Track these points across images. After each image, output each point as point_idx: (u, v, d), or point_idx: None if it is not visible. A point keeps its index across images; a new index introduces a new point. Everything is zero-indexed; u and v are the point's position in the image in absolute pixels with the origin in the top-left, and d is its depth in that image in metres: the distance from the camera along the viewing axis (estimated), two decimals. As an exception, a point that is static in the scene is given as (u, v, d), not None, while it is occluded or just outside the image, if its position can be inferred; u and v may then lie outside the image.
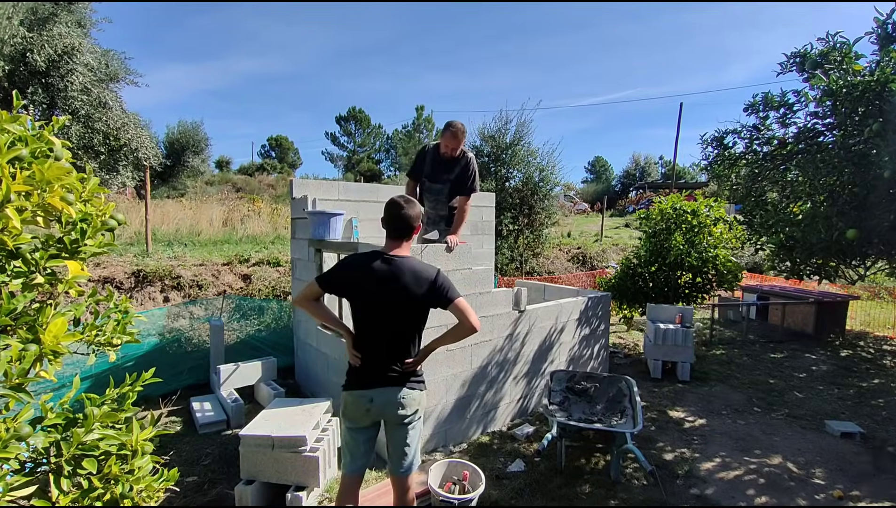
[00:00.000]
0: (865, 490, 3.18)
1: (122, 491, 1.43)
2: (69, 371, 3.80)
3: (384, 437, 2.19)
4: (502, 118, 10.46)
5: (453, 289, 2.15)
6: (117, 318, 1.65)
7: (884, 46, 4.49)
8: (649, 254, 6.75)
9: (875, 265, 5.66)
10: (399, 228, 2.16)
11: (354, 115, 38.73)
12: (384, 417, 2.19)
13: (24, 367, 1.23)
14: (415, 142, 33.53)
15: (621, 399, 3.76)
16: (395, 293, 2.07)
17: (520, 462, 3.39)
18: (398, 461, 2.22)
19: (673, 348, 5.33)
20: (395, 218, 2.15)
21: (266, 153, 39.88)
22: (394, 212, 2.15)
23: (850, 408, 4.61)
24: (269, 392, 4.21)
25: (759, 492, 3.13)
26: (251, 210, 12.49)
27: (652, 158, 44.51)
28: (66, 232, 1.42)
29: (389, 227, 2.18)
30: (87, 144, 8.89)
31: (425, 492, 2.83)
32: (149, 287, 6.25)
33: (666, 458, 3.55)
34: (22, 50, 8.02)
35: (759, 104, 5.20)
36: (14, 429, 1.23)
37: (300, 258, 4.67)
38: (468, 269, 3.59)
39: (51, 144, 1.38)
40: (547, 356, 4.37)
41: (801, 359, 6.23)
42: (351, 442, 2.22)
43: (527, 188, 10.37)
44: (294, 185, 4.63)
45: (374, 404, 2.12)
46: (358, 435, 2.20)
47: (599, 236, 16.61)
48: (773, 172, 5.56)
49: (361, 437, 2.21)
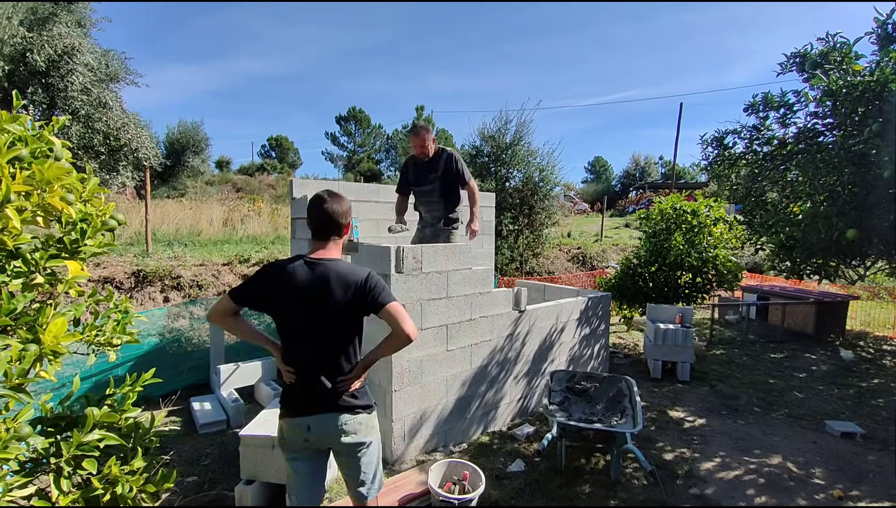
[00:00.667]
0: (865, 490, 3.18)
1: (122, 491, 1.43)
2: (69, 371, 3.80)
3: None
4: (502, 118, 10.46)
5: (386, 293, 1.83)
6: (117, 318, 1.65)
7: (884, 46, 4.48)
8: (649, 254, 6.75)
9: (875, 265, 5.66)
10: (323, 226, 1.88)
11: (354, 115, 38.72)
12: (328, 445, 1.90)
13: (24, 367, 1.23)
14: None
15: (621, 399, 3.76)
16: (318, 301, 1.78)
17: (520, 462, 3.39)
18: (356, 490, 1.94)
19: (673, 348, 5.33)
20: (319, 215, 1.87)
21: (266, 153, 39.90)
22: (316, 208, 1.87)
23: (850, 408, 4.61)
24: (269, 392, 4.21)
25: (758, 492, 3.13)
26: (251, 210, 12.49)
27: (652, 158, 44.54)
28: (66, 232, 1.43)
29: (312, 226, 1.90)
30: (87, 144, 8.89)
31: (425, 492, 2.83)
32: (149, 287, 6.25)
33: (666, 458, 3.55)
34: (22, 50, 8.02)
35: (759, 104, 5.20)
36: (14, 429, 1.23)
37: (300, 258, 4.67)
38: (468, 269, 3.59)
39: (51, 144, 1.38)
40: (547, 356, 4.37)
41: (800, 359, 6.23)
42: (294, 477, 1.90)
43: (527, 188, 10.37)
44: (294, 185, 4.63)
45: (311, 433, 1.83)
46: (301, 468, 1.89)
47: (599, 236, 16.61)
48: (773, 172, 5.56)
49: (305, 469, 1.89)
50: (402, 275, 3.17)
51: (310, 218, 1.91)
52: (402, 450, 3.35)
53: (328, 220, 1.87)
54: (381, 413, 3.36)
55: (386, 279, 3.17)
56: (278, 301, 1.81)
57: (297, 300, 1.78)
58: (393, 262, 3.13)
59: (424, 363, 3.39)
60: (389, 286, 3.14)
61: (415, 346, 3.32)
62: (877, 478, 3.34)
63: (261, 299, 1.83)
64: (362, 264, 3.43)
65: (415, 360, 3.34)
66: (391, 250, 3.12)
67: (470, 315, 3.65)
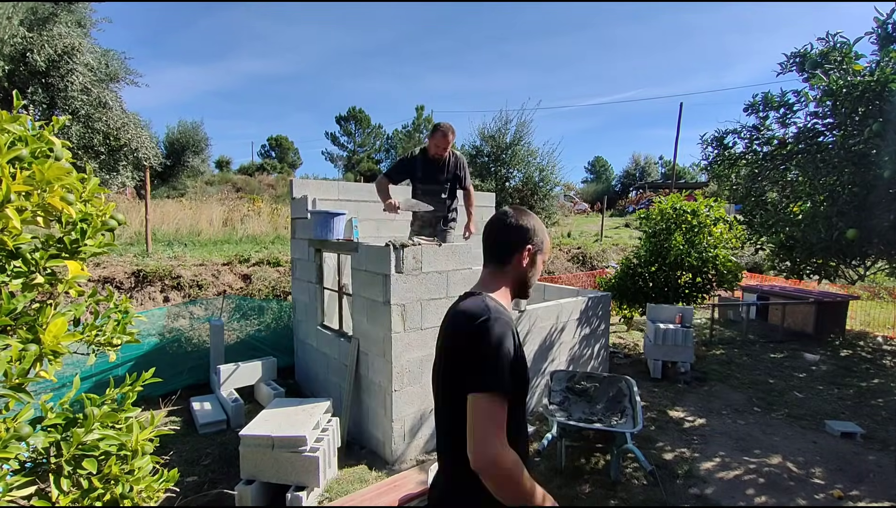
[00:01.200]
0: (865, 490, 3.18)
1: (122, 491, 1.43)
2: (69, 371, 3.80)
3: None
4: (502, 118, 10.49)
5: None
6: (117, 318, 1.65)
7: (884, 46, 4.48)
8: (649, 254, 6.75)
9: (875, 265, 5.65)
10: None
11: (354, 115, 38.70)
12: None
13: (24, 367, 1.23)
14: (415, 141, 33.55)
15: (621, 399, 3.76)
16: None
17: (520, 461, 3.39)
18: None
19: (673, 348, 5.33)
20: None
21: (266, 153, 39.88)
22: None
23: (850, 408, 4.61)
24: (269, 392, 4.21)
25: (758, 492, 3.13)
26: (251, 210, 12.48)
27: (652, 158, 44.51)
28: (66, 232, 1.42)
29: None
30: (87, 144, 8.88)
31: (424, 491, 2.83)
32: (149, 287, 6.25)
33: (666, 458, 3.55)
34: (22, 50, 8.02)
35: (759, 104, 5.20)
36: (14, 429, 1.23)
37: (300, 258, 4.67)
38: (468, 269, 3.59)
39: (51, 144, 1.38)
40: (547, 356, 4.37)
41: (800, 359, 6.23)
42: None
43: (527, 188, 10.39)
44: (294, 185, 4.63)
45: None
46: None
47: (599, 236, 16.60)
48: (773, 172, 5.56)
49: None
50: (402, 275, 3.17)
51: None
52: (403, 450, 3.35)
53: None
54: (382, 413, 3.36)
55: (385, 279, 3.17)
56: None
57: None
58: (393, 262, 3.13)
59: (425, 362, 3.39)
60: (389, 286, 3.14)
61: (415, 346, 3.33)
62: (877, 478, 3.34)
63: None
64: (362, 263, 3.44)
65: (415, 360, 3.34)
66: (391, 250, 3.12)
67: (470, 315, 3.64)
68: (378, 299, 3.27)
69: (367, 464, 3.32)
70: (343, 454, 3.39)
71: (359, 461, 3.37)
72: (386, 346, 3.25)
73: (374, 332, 3.39)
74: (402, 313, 3.22)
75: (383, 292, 3.20)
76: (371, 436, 3.52)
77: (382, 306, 3.23)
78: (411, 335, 3.29)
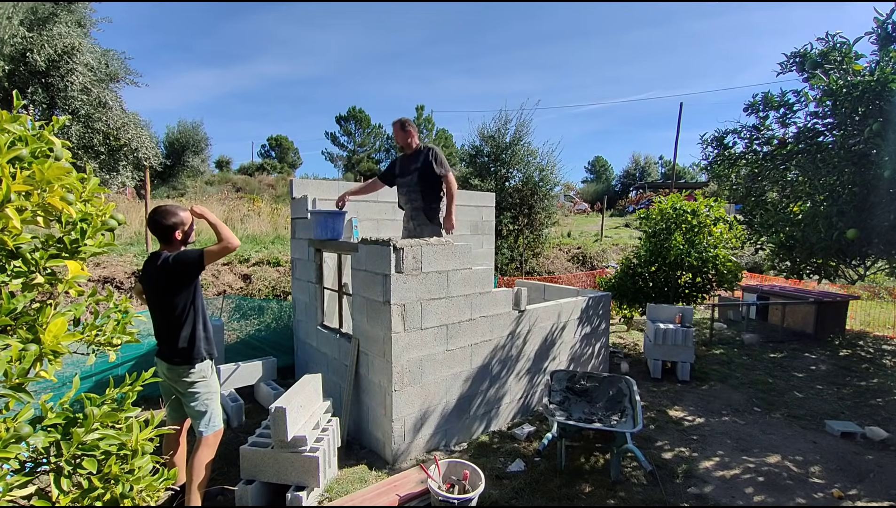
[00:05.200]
0: (865, 490, 3.18)
1: (122, 491, 1.43)
2: (69, 371, 3.80)
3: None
4: (502, 118, 10.46)
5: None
6: (117, 318, 1.65)
7: (884, 46, 4.48)
8: (649, 254, 6.75)
9: (875, 265, 5.66)
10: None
11: (354, 115, 38.67)
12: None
13: (24, 367, 1.23)
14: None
15: (621, 399, 3.76)
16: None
17: (520, 461, 3.39)
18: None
19: (673, 347, 5.33)
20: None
21: (266, 153, 39.87)
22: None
23: (849, 408, 4.61)
24: (270, 392, 4.21)
25: (758, 491, 3.13)
26: (251, 210, 12.48)
27: (652, 158, 44.53)
28: (66, 232, 1.43)
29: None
30: (87, 144, 8.88)
31: (424, 491, 2.83)
32: (149, 287, 6.24)
33: (665, 458, 3.55)
34: (22, 50, 8.02)
35: (759, 104, 5.20)
36: (14, 429, 1.23)
37: (300, 258, 4.67)
38: (468, 269, 3.59)
39: (51, 144, 1.38)
40: (547, 356, 4.37)
41: (800, 359, 6.23)
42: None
43: (527, 188, 10.37)
44: (294, 185, 4.63)
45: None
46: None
47: (599, 236, 16.60)
48: (773, 172, 5.56)
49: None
50: (401, 275, 3.17)
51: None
52: (403, 450, 3.35)
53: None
54: (381, 413, 3.37)
55: (385, 279, 3.17)
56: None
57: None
58: (393, 262, 3.13)
59: (424, 362, 3.39)
60: (389, 286, 3.14)
61: (415, 346, 3.33)
62: (876, 478, 3.34)
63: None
64: (362, 263, 3.44)
65: (415, 360, 3.34)
66: (391, 249, 3.12)
67: (470, 315, 3.65)
68: (378, 299, 3.27)
69: (367, 464, 3.32)
70: (343, 454, 3.39)
71: (359, 461, 3.37)
72: (386, 346, 3.25)
73: (374, 332, 3.39)
74: (402, 313, 3.22)
75: (383, 291, 3.20)
76: (371, 436, 3.52)
77: (382, 306, 3.23)
78: (411, 335, 3.29)
